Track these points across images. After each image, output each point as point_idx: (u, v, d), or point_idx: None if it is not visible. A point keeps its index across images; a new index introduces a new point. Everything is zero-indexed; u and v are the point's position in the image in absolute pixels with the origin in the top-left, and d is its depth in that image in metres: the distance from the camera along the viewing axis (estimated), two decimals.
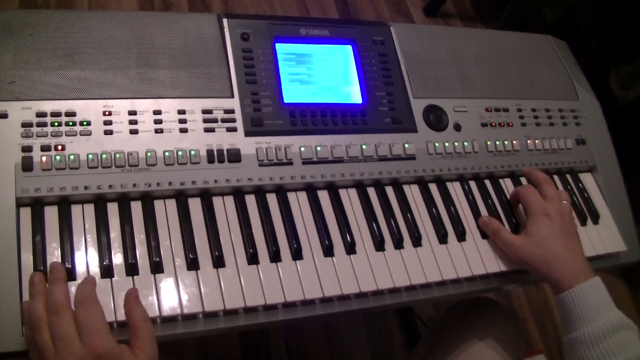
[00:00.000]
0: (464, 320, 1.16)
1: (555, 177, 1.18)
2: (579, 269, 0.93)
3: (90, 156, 0.85)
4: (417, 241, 0.99)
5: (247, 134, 0.95)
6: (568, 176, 1.20)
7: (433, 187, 1.07)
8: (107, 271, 0.80)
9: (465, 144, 1.09)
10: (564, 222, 0.98)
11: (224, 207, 0.92)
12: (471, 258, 1.01)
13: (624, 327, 0.88)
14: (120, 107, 0.89)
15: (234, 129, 0.94)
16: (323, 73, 1.05)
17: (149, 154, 0.88)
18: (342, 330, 1.85)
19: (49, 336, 0.69)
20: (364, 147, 1.01)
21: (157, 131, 0.90)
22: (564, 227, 0.98)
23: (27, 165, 0.82)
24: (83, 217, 0.84)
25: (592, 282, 0.91)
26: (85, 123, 0.87)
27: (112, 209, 0.86)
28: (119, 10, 0.96)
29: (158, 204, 0.88)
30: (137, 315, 0.75)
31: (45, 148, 0.83)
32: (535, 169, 1.09)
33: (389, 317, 1.93)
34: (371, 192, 1.02)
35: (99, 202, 0.86)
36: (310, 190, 0.98)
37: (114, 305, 0.78)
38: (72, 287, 0.77)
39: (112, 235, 0.84)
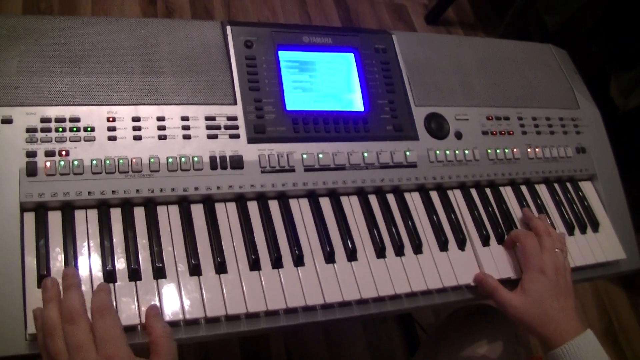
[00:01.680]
0: (463, 327, 1.16)
1: (556, 185, 1.19)
2: (570, 327, 0.93)
3: (93, 162, 0.86)
4: (417, 248, 0.99)
5: (250, 140, 0.96)
6: (568, 184, 1.20)
7: (434, 195, 1.07)
8: (109, 276, 0.81)
9: (466, 151, 1.10)
10: (558, 280, 0.98)
11: (227, 213, 0.92)
12: (471, 265, 1.01)
13: None
14: (124, 113, 0.90)
15: (237, 136, 0.95)
16: (325, 81, 1.05)
17: (152, 160, 0.89)
18: (342, 336, 1.85)
19: (63, 344, 0.68)
20: (365, 154, 1.02)
21: (160, 137, 0.91)
22: (558, 284, 0.98)
23: (31, 170, 0.82)
24: (86, 222, 0.85)
25: (584, 336, 0.92)
26: (89, 129, 0.87)
27: (115, 214, 0.87)
28: (122, 17, 0.97)
29: (161, 210, 0.89)
30: (158, 331, 0.74)
31: (49, 153, 0.84)
32: (535, 217, 1.08)
33: (389, 323, 1.93)
34: (372, 199, 1.02)
35: (102, 207, 0.86)
36: (312, 197, 0.98)
37: (116, 309, 0.78)
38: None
39: (115, 240, 0.84)
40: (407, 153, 1.05)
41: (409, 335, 1.91)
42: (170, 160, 0.90)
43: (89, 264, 0.81)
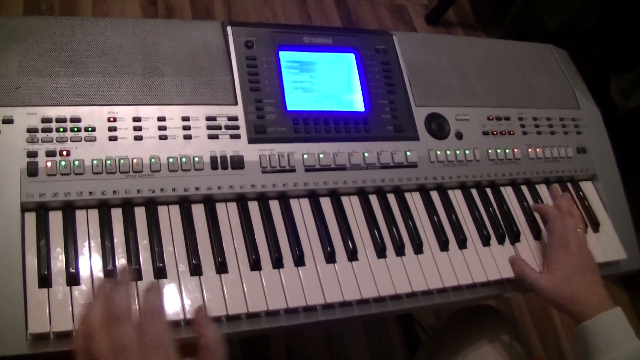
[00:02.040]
0: (464, 327, 1.17)
1: (556, 186, 1.19)
2: (600, 302, 0.95)
3: (94, 162, 0.86)
4: (418, 248, 0.99)
5: (251, 141, 0.96)
6: (569, 184, 1.20)
7: (434, 195, 1.07)
8: (110, 276, 0.81)
9: (467, 152, 1.10)
10: (583, 257, 1.01)
11: (227, 214, 0.92)
12: (472, 265, 1.01)
13: None
14: (125, 113, 0.90)
15: (238, 136, 0.95)
16: (326, 81, 1.05)
17: (153, 160, 0.89)
18: (342, 336, 1.85)
19: (106, 346, 0.62)
20: (366, 154, 1.02)
21: (161, 137, 0.91)
22: (583, 261, 1.01)
23: (32, 170, 0.83)
24: (87, 223, 0.85)
25: (613, 311, 0.94)
26: (90, 129, 0.88)
27: (116, 214, 0.87)
28: (122, 18, 0.97)
29: (162, 210, 0.89)
30: (212, 336, 0.69)
31: (50, 153, 0.84)
32: (560, 195, 1.12)
33: (389, 323, 1.93)
34: (373, 199, 1.02)
35: (103, 207, 0.86)
36: (313, 197, 0.98)
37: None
38: (76, 291, 0.78)
39: (115, 240, 0.84)
40: (408, 153, 1.05)
41: (409, 335, 1.90)
42: (171, 160, 0.90)
43: (90, 264, 0.81)
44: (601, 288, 0.98)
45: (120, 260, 0.83)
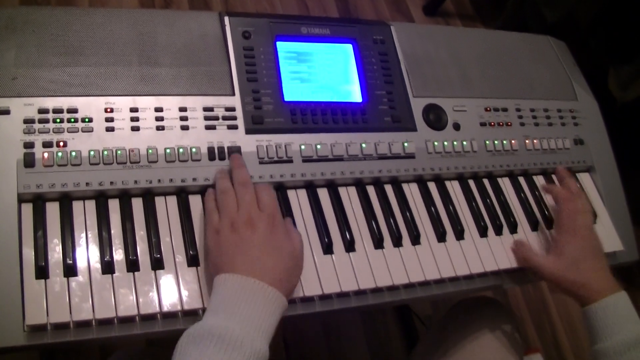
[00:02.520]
0: (465, 319, 1.17)
1: (554, 177, 1.19)
2: (606, 286, 0.96)
3: (91, 153, 0.86)
4: (415, 239, 0.99)
5: (248, 131, 0.95)
6: None
7: (432, 186, 1.07)
8: (108, 267, 0.81)
9: (464, 143, 1.10)
10: (591, 240, 1.01)
11: None
12: (469, 256, 1.01)
13: None
14: (122, 104, 0.90)
15: (235, 127, 0.95)
16: (323, 71, 1.05)
17: (150, 151, 0.89)
18: (340, 327, 1.86)
19: (234, 200, 0.84)
20: (363, 145, 1.02)
21: (158, 128, 0.91)
22: (591, 245, 1.01)
23: (28, 161, 0.82)
24: (84, 214, 0.85)
25: (618, 295, 0.94)
26: (87, 120, 0.87)
27: (113, 205, 0.86)
28: (119, 8, 0.97)
29: (159, 201, 0.89)
30: (290, 227, 0.89)
31: (47, 144, 0.84)
32: (569, 177, 1.11)
33: (386, 314, 1.94)
34: (370, 190, 1.02)
35: (100, 198, 0.86)
36: (310, 188, 0.98)
37: (114, 301, 0.79)
38: (74, 282, 0.78)
39: (113, 231, 0.84)
40: (405, 144, 1.05)
41: (406, 326, 1.91)
42: (168, 151, 0.90)
43: (87, 255, 0.81)
44: (608, 272, 0.99)
45: (118, 251, 0.83)
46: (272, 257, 0.80)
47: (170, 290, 0.82)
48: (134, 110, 0.90)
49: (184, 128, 0.92)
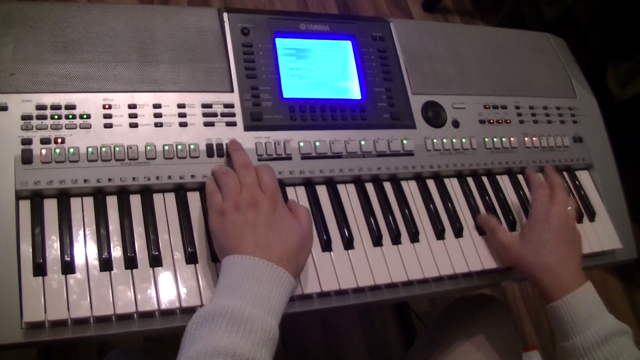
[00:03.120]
0: (463, 317, 1.17)
1: (549, 165, 1.18)
2: (571, 280, 0.93)
3: (89, 149, 0.85)
4: (414, 237, 0.99)
5: (247, 128, 0.95)
6: (565, 174, 1.20)
7: (431, 184, 1.07)
8: (106, 264, 0.81)
9: (463, 140, 1.10)
10: (563, 229, 0.98)
11: None
12: (468, 254, 1.01)
13: (618, 333, 0.89)
14: (120, 100, 0.90)
15: (234, 124, 0.95)
16: (323, 68, 1.05)
17: (148, 147, 0.88)
18: (338, 324, 1.86)
19: (237, 181, 0.85)
20: (362, 142, 1.01)
21: (156, 125, 0.90)
22: (562, 235, 0.97)
23: (26, 158, 0.82)
24: (82, 210, 0.84)
25: (583, 289, 0.92)
26: (85, 116, 0.87)
27: (112, 202, 0.86)
28: (118, 4, 0.96)
29: (157, 198, 0.89)
30: (294, 203, 0.90)
31: (45, 141, 0.84)
32: (555, 172, 1.09)
33: (385, 312, 1.94)
34: (369, 187, 1.02)
35: (98, 195, 0.86)
36: (309, 185, 0.98)
37: (112, 298, 0.78)
38: (71, 279, 0.77)
39: (111, 228, 0.84)
40: (404, 141, 1.05)
41: (404, 323, 1.91)
42: (166, 147, 0.89)
43: (85, 251, 0.81)
44: (575, 265, 0.96)
45: (116, 248, 0.83)
46: (278, 236, 0.81)
47: (169, 288, 0.82)
48: (132, 106, 0.90)
49: (183, 125, 0.92)
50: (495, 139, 1.13)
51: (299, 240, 0.83)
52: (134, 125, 0.89)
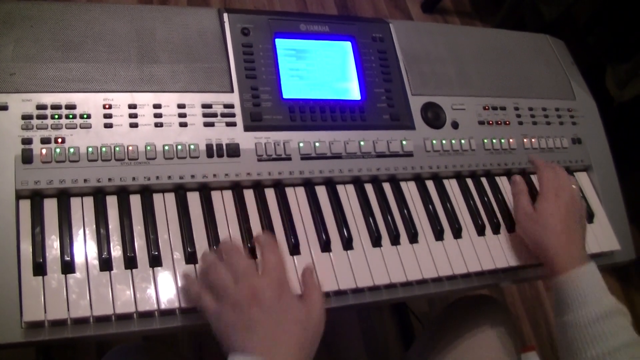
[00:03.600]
0: (461, 317, 1.17)
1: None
2: (575, 254, 0.95)
3: (90, 149, 0.85)
4: (413, 237, 1.00)
5: (247, 128, 0.95)
6: None
7: (430, 184, 1.07)
8: (105, 264, 0.81)
9: (463, 141, 1.10)
10: (572, 205, 1.01)
11: (223, 202, 0.92)
12: (467, 255, 1.01)
13: (618, 312, 0.89)
14: (121, 100, 0.90)
15: (234, 124, 0.95)
16: (322, 69, 1.05)
17: (148, 147, 0.89)
18: (336, 324, 1.86)
19: (227, 272, 0.76)
20: (362, 143, 1.02)
21: (156, 125, 0.90)
22: (570, 209, 1.00)
23: (26, 157, 0.82)
24: (82, 210, 0.84)
25: (588, 267, 0.93)
26: (85, 116, 0.87)
27: (111, 202, 0.86)
28: (118, 4, 0.96)
29: (157, 198, 0.89)
30: (309, 282, 0.83)
31: (45, 140, 0.84)
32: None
33: (383, 312, 1.94)
34: (369, 188, 1.02)
35: (98, 195, 0.86)
36: (309, 185, 0.98)
37: (112, 298, 0.79)
38: (71, 279, 0.78)
39: (111, 228, 0.84)
40: (404, 142, 1.05)
41: (403, 323, 1.91)
42: (166, 148, 0.89)
43: (85, 251, 0.81)
44: (580, 239, 0.99)
45: (116, 248, 0.83)
46: (285, 330, 0.74)
47: (168, 288, 0.82)
48: (132, 106, 0.90)
49: (183, 125, 0.92)
50: (494, 140, 1.13)
51: (308, 328, 0.76)
52: (134, 125, 0.89)
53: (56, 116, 0.86)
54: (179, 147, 0.90)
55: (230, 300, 0.74)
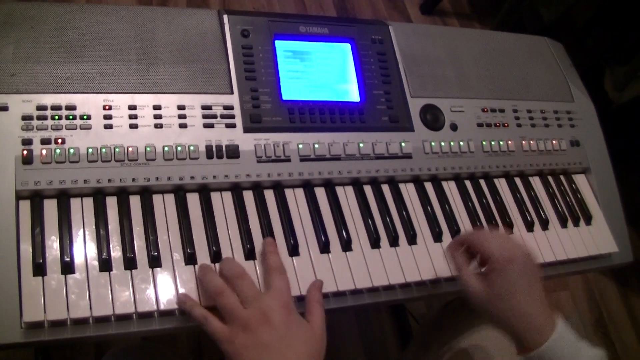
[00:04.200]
0: (457, 317, 1.17)
1: (549, 178, 1.19)
2: (543, 323, 0.84)
3: (90, 150, 0.86)
4: (412, 239, 1.00)
5: (246, 130, 0.96)
6: (562, 177, 1.21)
7: (429, 186, 1.07)
8: (105, 265, 0.81)
9: (461, 143, 1.10)
10: (528, 267, 0.88)
11: (222, 203, 0.92)
12: None
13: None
14: (121, 101, 0.90)
15: (233, 125, 0.95)
16: (322, 71, 1.05)
17: (148, 148, 0.89)
18: (334, 324, 1.86)
19: (236, 298, 0.78)
20: (361, 145, 1.02)
21: (156, 126, 0.91)
22: (528, 273, 0.87)
23: (27, 158, 0.82)
24: (82, 211, 0.85)
25: (560, 329, 0.84)
26: (85, 117, 0.87)
27: (111, 203, 0.87)
28: (118, 5, 0.97)
29: (157, 199, 0.89)
30: (314, 298, 0.84)
31: (45, 141, 0.84)
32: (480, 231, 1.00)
33: (381, 312, 1.94)
34: (368, 190, 1.02)
35: (98, 196, 0.86)
36: (308, 187, 0.99)
37: (111, 298, 0.79)
38: (71, 279, 0.78)
39: (110, 229, 0.84)
40: (403, 144, 1.05)
41: (401, 324, 1.92)
42: (166, 149, 0.90)
43: (85, 252, 0.81)
44: (544, 303, 0.86)
45: (115, 249, 0.83)
46: (295, 350, 0.77)
47: (168, 288, 0.82)
48: (132, 107, 0.90)
49: (182, 126, 0.92)
50: (492, 142, 1.13)
51: (315, 347, 0.79)
52: (134, 126, 0.89)
53: (56, 117, 0.86)
54: (179, 148, 0.90)
55: (241, 324, 0.76)
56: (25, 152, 0.82)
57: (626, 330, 2.17)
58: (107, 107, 0.89)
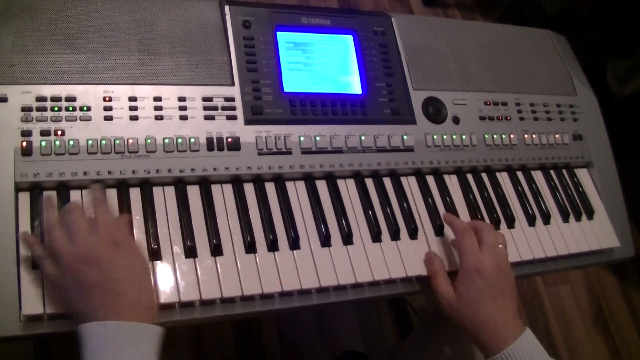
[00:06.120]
0: None
1: (552, 172, 1.19)
2: (507, 332, 0.86)
3: (89, 142, 0.85)
4: (413, 233, 0.99)
5: (247, 122, 0.95)
6: (564, 171, 1.20)
7: (430, 179, 1.07)
8: None
9: (464, 136, 1.09)
10: (497, 279, 0.90)
11: (223, 195, 0.92)
12: None
13: None
14: (121, 92, 0.89)
15: (234, 117, 0.94)
16: (324, 62, 1.04)
17: (148, 140, 0.88)
18: (334, 317, 1.85)
19: (62, 233, 0.75)
20: (362, 137, 1.01)
21: (157, 118, 0.90)
22: (496, 285, 0.89)
23: (26, 150, 0.82)
24: (82, 203, 0.84)
25: (522, 340, 0.85)
26: (85, 108, 0.87)
27: (111, 195, 0.86)
28: None
29: (157, 191, 0.89)
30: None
31: (44, 133, 0.83)
32: (474, 221, 1.02)
33: (381, 305, 1.94)
34: (369, 183, 1.02)
35: None
36: (309, 180, 0.98)
37: None
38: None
39: None
40: (404, 137, 1.04)
41: (400, 316, 1.92)
42: (166, 141, 0.89)
43: None
44: (512, 314, 0.89)
45: None
46: (132, 284, 0.74)
47: (168, 281, 0.82)
48: (132, 99, 0.89)
49: (183, 118, 0.91)
50: (495, 136, 1.12)
51: (148, 275, 0.78)
52: (134, 118, 0.89)
53: (56, 108, 0.85)
54: (179, 140, 0.90)
55: (64, 263, 0.73)
56: (24, 143, 0.82)
57: (626, 324, 2.17)
58: (107, 99, 0.88)
